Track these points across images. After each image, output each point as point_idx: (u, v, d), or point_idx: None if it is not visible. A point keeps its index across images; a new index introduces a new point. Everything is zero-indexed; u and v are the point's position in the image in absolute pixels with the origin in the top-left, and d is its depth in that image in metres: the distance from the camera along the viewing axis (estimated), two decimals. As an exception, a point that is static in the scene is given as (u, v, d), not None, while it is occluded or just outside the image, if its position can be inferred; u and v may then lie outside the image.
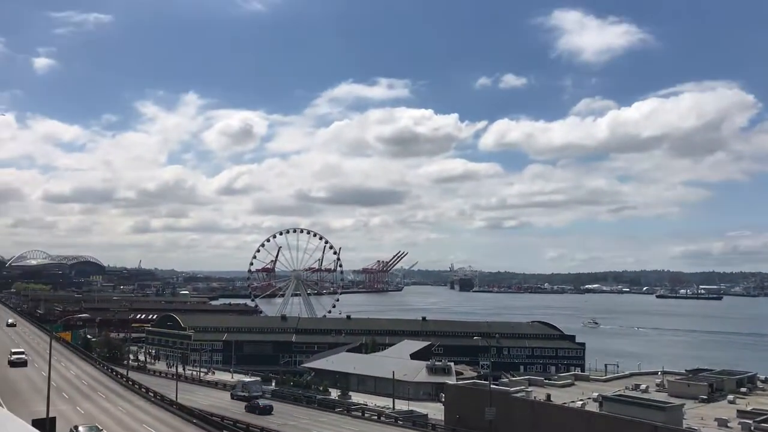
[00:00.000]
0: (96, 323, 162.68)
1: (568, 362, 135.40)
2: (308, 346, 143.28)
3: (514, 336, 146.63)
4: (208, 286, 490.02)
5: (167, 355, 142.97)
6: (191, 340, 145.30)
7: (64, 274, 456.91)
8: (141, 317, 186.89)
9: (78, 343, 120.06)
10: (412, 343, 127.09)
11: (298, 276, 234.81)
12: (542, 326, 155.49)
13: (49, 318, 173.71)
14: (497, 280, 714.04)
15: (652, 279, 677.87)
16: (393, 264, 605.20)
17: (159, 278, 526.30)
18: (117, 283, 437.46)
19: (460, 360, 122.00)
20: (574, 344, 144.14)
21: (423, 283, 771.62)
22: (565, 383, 74.57)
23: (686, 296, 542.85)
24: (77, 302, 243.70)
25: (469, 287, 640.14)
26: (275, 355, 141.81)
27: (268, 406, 70.12)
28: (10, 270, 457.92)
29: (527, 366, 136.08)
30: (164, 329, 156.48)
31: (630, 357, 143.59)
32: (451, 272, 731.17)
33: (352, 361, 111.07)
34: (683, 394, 63.55)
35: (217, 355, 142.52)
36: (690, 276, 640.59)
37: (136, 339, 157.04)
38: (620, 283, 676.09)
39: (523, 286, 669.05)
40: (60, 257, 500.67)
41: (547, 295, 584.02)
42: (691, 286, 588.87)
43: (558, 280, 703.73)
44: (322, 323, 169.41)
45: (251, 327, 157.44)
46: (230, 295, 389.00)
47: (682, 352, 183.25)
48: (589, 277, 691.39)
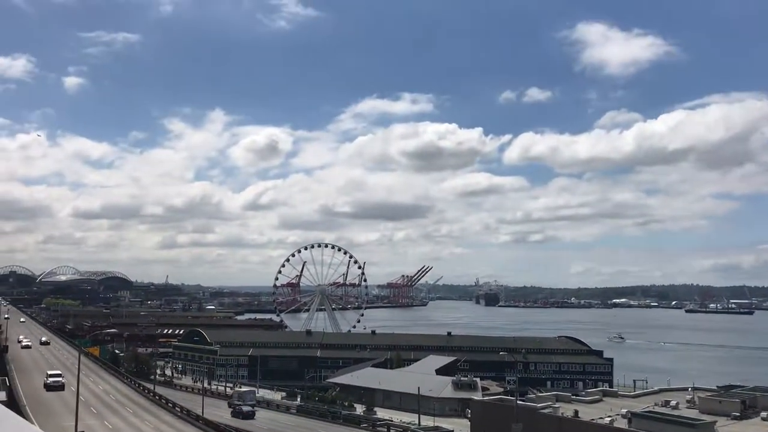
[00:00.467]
0: (124, 338, 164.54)
1: (595, 378, 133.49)
2: (333, 361, 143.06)
3: (541, 351, 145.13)
4: (234, 301, 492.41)
5: (193, 370, 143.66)
6: (217, 355, 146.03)
7: (92, 289, 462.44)
8: (168, 332, 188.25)
9: (106, 358, 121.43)
10: (437, 358, 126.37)
11: (322, 291, 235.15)
12: (569, 341, 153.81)
13: (78, 333, 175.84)
14: (523, 294, 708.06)
15: (680, 293, 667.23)
16: (417, 279, 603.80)
17: (185, 293, 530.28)
18: (144, 299, 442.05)
19: (486, 375, 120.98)
20: (602, 359, 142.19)
21: (448, 297, 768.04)
22: (592, 399, 73.53)
23: (716, 311, 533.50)
24: (105, 317, 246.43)
25: (494, 302, 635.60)
26: (300, 370, 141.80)
27: (250, 411, 76.93)
28: (40, 286, 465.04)
29: (554, 382, 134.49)
30: (190, 344, 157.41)
31: (659, 372, 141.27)
32: (476, 287, 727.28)
33: (377, 377, 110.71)
34: (715, 411, 62.26)
35: (243, 371, 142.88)
36: (720, 290, 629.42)
37: (162, 354, 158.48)
38: (648, 297, 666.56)
39: (549, 300, 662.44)
40: (89, 273, 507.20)
41: (574, 309, 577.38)
42: (721, 301, 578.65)
43: (585, 294, 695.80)
44: (346, 338, 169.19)
45: (277, 342, 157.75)
46: (256, 310, 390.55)
47: (712, 367, 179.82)
48: (617, 291, 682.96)
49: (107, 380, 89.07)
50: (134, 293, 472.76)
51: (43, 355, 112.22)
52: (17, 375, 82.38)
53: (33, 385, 76.57)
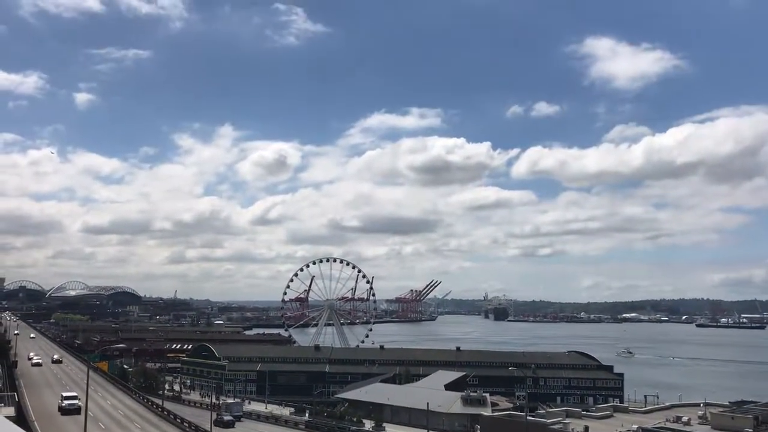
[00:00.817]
0: (132, 353, 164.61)
1: (606, 393, 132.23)
2: (342, 377, 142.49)
3: (551, 366, 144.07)
4: (242, 316, 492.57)
5: (202, 386, 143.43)
6: (225, 370, 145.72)
7: (101, 304, 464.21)
8: (176, 347, 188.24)
9: (115, 373, 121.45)
10: (446, 373, 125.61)
11: (331, 305, 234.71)
12: (579, 356, 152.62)
13: (86, 348, 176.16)
14: (532, 309, 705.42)
15: (691, 308, 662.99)
16: (426, 293, 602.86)
17: (194, 308, 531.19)
18: (153, 313, 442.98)
19: (495, 391, 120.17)
20: (612, 375, 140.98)
21: (457, 312, 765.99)
22: (603, 415, 73.02)
23: (727, 325, 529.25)
24: (114, 332, 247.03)
25: (503, 316, 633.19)
26: (309, 386, 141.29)
27: (231, 421, 79.46)
28: (49, 301, 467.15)
29: (564, 397, 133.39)
30: (199, 359, 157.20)
31: (670, 388, 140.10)
32: (485, 301, 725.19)
33: (386, 392, 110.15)
34: (727, 427, 61.62)
35: (251, 386, 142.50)
36: (731, 304, 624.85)
37: (171, 369, 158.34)
38: (658, 311, 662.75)
39: (558, 315, 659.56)
40: (98, 288, 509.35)
41: (584, 324, 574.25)
42: (732, 315, 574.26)
43: (594, 309, 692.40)
44: (355, 353, 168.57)
45: (285, 357, 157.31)
46: (264, 324, 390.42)
47: (724, 382, 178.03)
48: (626, 305, 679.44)
49: (116, 395, 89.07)
50: (143, 308, 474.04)
51: (55, 374, 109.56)
52: (27, 391, 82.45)
53: (42, 401, 76.55)
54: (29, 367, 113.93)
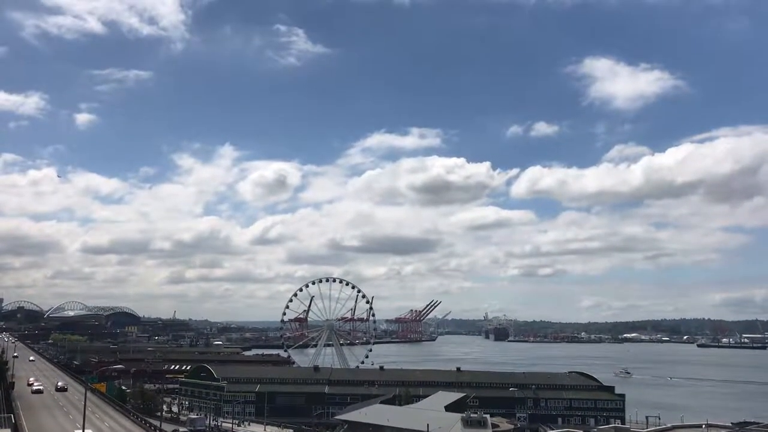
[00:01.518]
0: (130, 374, 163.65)
1: (607, 414, 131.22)
2: (341, 398, 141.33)
3: (552, 387, 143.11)
4: (242, 337, 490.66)
5: (200, 407, 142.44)
6: (224, 391, 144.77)
7: (100, 324, 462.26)
8: (175, 368, 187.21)
9: (113, 395, 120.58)
10: (446, 394, 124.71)
11: (330, 326, 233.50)
12: (580, 377, 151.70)
13: (84, 369, 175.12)
14: (533, 329, 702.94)
15: (692, 327, 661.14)
16: (426, 313, 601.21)
17: (193, 328, 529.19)
18: (152, 334, 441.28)
19: (496, 412, 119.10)
20: (614, 395, 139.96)
21: (457, 332, 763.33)
22: (605, 436, 72.37)
23: (729, 345, 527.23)
24: (113, 353, 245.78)
25: (504, 337, 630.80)
26: (308, 407, 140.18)
27: None
28: (48, 321, 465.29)
29: (565, 418, 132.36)
30: (197, 380, 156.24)
31: (672, 408, 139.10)
32: (485, 321, 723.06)
33: (386, 414, 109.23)
34: (730, 449, 61.11)
35: (250, 407, 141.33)
36: (732, 324, 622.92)
37: (169, 390, 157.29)
38: (659, 331, 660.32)
39: (559, 335, 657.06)
40: (97, 308, 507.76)
41: (584, 344, 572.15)
42: (733, 335, 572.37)
43: (595, 329, 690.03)
44: (355, 374, 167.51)
45: (284, 378, 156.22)
46: (263, 345, 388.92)
47: (726, 403, 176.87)
48: (627, 325, 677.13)
49: (113, 417, 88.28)
50: (142, 328, 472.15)
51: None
52: (23, 413, 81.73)
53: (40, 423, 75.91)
54: (28, 395, 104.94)
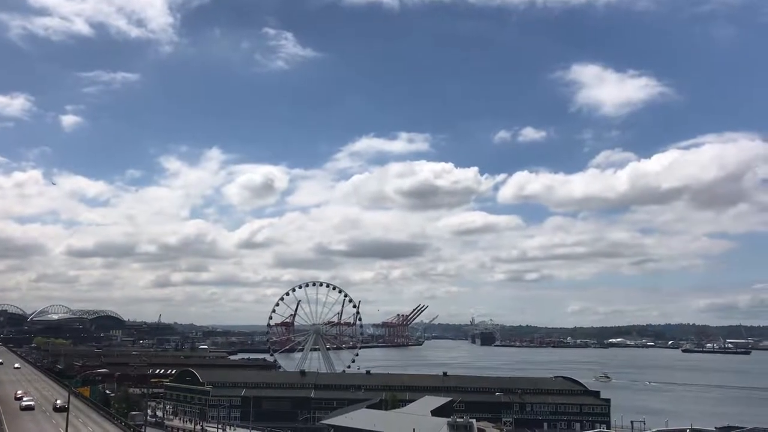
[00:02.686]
0: (115, 378, 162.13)
1: (593, 419, 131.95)
2: (327, 402, 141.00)
3: (537, 392, 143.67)
4: (227, 341, 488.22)
5: (185, 411, 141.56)
6: (209, 395, 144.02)
7: (84, 328, 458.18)
8: (160, 372, 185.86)
9: (96, 399, 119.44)
10: (432, 399, 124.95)
11: (317, 330, 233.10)
12: (566, 382, 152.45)
13: (68, 373, 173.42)
14: (519, 334, 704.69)
15: (677, 333, 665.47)
16: (413, 318, 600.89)
17: (178, 332, 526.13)
18: (137, 338, 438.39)
19: (482, 416, 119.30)
20: (599, 400, 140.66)
21: (443, 337, 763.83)
22: (590, 441, 72.63)
23: (713, 350, 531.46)
24: (97, 357, 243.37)
25: (490, 341, 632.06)
26: (294, 412, 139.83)
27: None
28: (31, 325, 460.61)
29: (551, 423, 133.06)
30: (183, 384, 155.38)
31: (657, 413, 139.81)
32: (471, 326, 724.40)
33: (372, 418, 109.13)
34: (714, 453, 61.53)
35: (235, 411, 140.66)
36: (716, 330, 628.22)
37: (154, 394, 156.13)
38: (645, 337, 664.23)
39: (545, 340, 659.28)
40: (81, 311, 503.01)
41: (570, 349, 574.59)
42: (717, 340, 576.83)
43: (581, 334, 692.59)
44: (341, 378, 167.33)
45: (270, 382, 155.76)
46: (249, 349, 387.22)
47: (710, 408, 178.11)
48: (613, 330, 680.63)
49: (97, 422, 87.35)
50: (126, 332, 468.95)
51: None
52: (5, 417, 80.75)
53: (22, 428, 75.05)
54: (17, 411, 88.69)
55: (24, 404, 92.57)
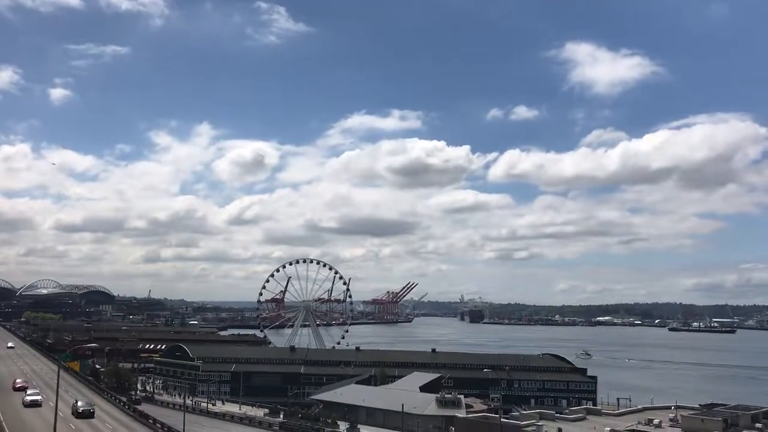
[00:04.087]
0: (105, 353, 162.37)
1: (579, 396, 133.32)
2: (317, 378, 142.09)
3: (525, 369, 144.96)
4: (217, 317, 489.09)
5: (175, 386, 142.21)
6: (199, 370, 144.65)
7: (74, 303, 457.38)
8: (150, 347, 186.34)
9: (86, 373, 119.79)
10: (421, 375, 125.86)
11: (307, 306, 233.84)
12: (553, 359, 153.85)
13: (58, 347, 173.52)
14: (507, 311, 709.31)
15: (664, 312, 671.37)
16: (403, 295, 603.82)
17: (168, 308, 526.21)
18: (126, 313, 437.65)
19: (470, 393, 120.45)
20: (586, 377, 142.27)
21: (433, 314, 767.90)
22: (576, 417, 73.58)
23: (699, 329, 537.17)
24: (86, 332, 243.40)
25: (479, 319, 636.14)
26: (284, 387, 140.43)
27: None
28: (20, 299, 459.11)
29: (538, 399, 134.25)
30: (173, 359, 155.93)
31: (643, 391, 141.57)
32: (461, 303, 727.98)
33: (361, 394, 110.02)
34: (697, 430, 62.48)
35: (225, 386, 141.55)
36: (703, 309, 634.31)
37: (144, 369, 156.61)
38: (632, 315, 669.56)
39: (533, 318, 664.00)
40: (70, 286, 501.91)
41: (558, 327, 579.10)
42: (703, 319, 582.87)
43: (569, 312, 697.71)
44: (331, 354, 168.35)
45: (260, 358, 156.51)
46: (239, 325, 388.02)
47: (695, 386, 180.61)
48: (601, 309, 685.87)
49: (87, 396, 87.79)
50: (116, 307, 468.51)
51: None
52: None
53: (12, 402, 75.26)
54: (18, 409, 71.05)
55: (28, 398, 74.65)
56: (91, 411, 67.92)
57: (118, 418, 71.52)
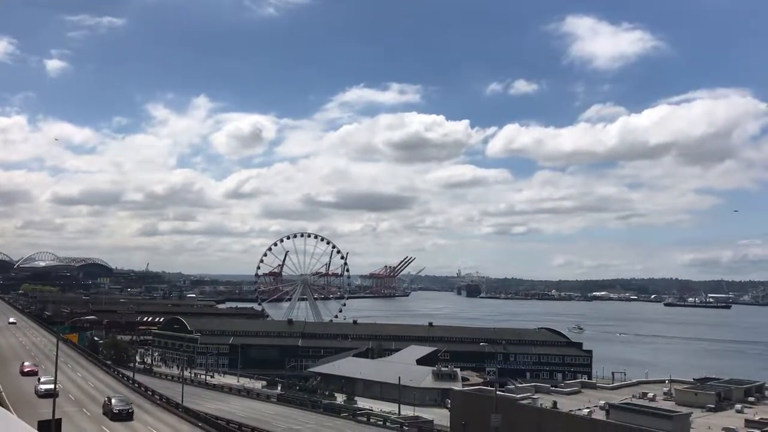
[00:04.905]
0: (103, 325, 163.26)
1: (574, 369, 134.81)
2: (314, 351, 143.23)
3: (521, 342, 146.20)
4: (215, 290, 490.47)
5: (173, 358, 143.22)
6: (198, 343, 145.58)
7: (71, 275, 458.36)
8: (148, 320, 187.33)
9: (85, 345, 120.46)
10: (418, 348, 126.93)
11: (305, 280, 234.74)
12: (549, 333, 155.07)
13: (56, 320, 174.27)
14: (504, 286, 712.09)
15: (660, 287, 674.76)
16: (400, 269, 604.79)
17: (166, 281, 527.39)
18: (124, 286, 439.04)
19: (466, 366, 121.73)
20: (581, 351, 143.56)
21: (430, 288, 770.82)
22: (571, 391, 74.13)
23: (694, 304, 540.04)
24: (85, 304, 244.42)
25: (476, 293, 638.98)
26: (281, 359, 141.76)
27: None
28: (18, 272, 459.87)
29: (534, 373, 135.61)
30: (171, 332, 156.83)
31: (638, 365, 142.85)
32: (458, 278, 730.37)
33: (359, 366, 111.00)
34: (691, 403, 63.05)
35: (223, 359, 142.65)
36: (698, 284, 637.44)
37: (142, 342, 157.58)
38: (628, 290, 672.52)
39: (530, 292, 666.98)
40: (68, 259, 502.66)
41: (555, 302, 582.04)
42: (699, 295, 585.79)
43: (565, 287, 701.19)
44: (328, 328, 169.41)
45: (258, 331, 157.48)
46: (237, 298, 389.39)
47: (689, 360, 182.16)
48: (597, 284, 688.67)
49: (86, 367, 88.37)
50: (114, 280, 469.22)
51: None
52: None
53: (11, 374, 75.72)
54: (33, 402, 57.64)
55: (42, 387, 60.69)
56: (130, 411, 54.39)
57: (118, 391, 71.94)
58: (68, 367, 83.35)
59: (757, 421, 55.29)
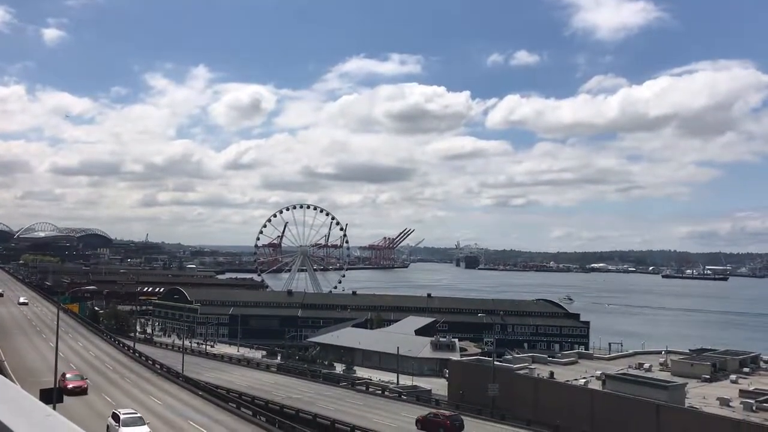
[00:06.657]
0: (103, 295, 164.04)
1: (572, 340, 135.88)
2: (314, 321, 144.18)
3: (519, 314, 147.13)
4: (215, 261, 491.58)
5: (173, 328, 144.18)
6: (198, 313, 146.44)
7: (71, 246, 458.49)
8: (148, 290, 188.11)
9: (85, 315, 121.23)
10: (417, 319, 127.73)
11: (304, 251, 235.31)
12: (547, 304, 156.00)
13: (57, 290, 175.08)
14: (503, 258, 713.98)
15: (658, 259, 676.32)
16: (399, 241, 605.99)
17: (166, 252, 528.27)
18: (124, 256, 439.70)
19: (464, 336, 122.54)
20: (579, 322, 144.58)
21: (429, 260, 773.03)
22: (568, 361, 74.91)
23: (692, 276, 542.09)
24: (85, 274, 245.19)
25: (474, 265, 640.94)
26: (281, 330, 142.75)
27: None
28: (18, 242, 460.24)
29: (531, 343, 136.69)
30: (171, 302, 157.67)
31: (634, 336, 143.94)
32: (457, 250, 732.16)
33: (358, 337, 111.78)
34: (686, 374, 63.74)
35: (223, 329, 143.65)
36: (697, 256, 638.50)
37: (143, 312, 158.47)
38: (626, 262, 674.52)
39: (528, 264, 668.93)
40: (68, 230, 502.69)
41: (553, 273, 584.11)
42: (697, 267, 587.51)
43: (564, 258, 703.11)
44: (327, 299, 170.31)
45: (257, 301, 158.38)
46: (237, 269, 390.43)
47: (686, 331, 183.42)
48: (595, 256, 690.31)
49: (87, 337, 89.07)
50: (114, 251, 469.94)
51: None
52: None
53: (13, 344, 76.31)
54: None
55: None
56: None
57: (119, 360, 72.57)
58: (69, 336, 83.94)
59: (752, 391, 55.96)
